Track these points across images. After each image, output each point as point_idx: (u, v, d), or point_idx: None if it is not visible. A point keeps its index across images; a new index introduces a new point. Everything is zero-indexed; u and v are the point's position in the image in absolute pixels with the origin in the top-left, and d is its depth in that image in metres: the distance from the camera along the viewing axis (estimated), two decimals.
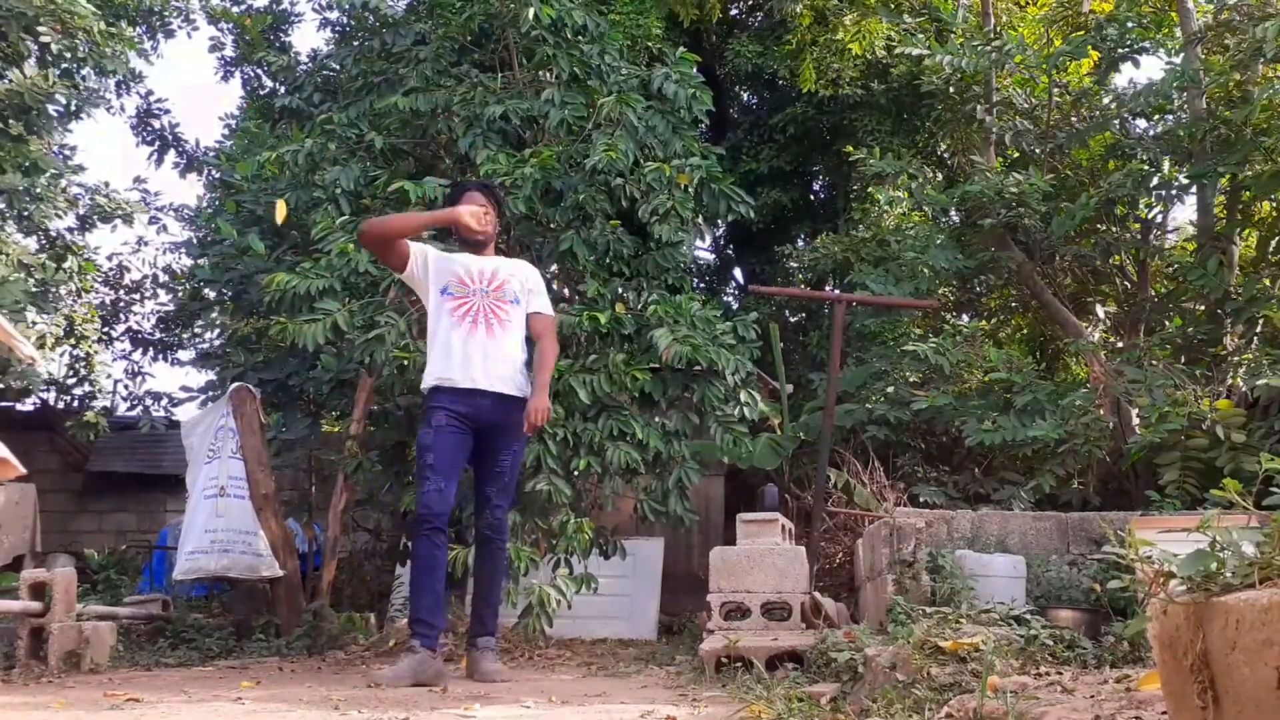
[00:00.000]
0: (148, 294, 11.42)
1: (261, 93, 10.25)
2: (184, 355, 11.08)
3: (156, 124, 10.47)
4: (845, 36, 8.94)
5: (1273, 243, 8.37)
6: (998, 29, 8.94)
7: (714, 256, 11.92)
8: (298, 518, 7.34)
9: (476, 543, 4.35)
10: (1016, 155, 8.79)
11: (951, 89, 8.44)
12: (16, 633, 4.86)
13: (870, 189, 8.95)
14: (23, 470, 4.31)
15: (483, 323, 4.13)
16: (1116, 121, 8.18)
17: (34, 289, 7.83)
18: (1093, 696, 2.35)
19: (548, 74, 6.22)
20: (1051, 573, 4.56)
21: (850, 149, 8.86)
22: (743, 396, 5.70)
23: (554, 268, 6.21)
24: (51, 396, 11.09)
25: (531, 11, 6.00)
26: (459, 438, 4.12)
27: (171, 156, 10.52)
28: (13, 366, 6.97)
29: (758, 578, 4.78)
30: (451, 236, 4.48)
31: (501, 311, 4.18)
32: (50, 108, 8.06)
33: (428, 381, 4.20)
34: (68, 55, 8.14)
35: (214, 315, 7.55)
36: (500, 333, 4.16)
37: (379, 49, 6.71)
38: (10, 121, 7.80)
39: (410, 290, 5.57)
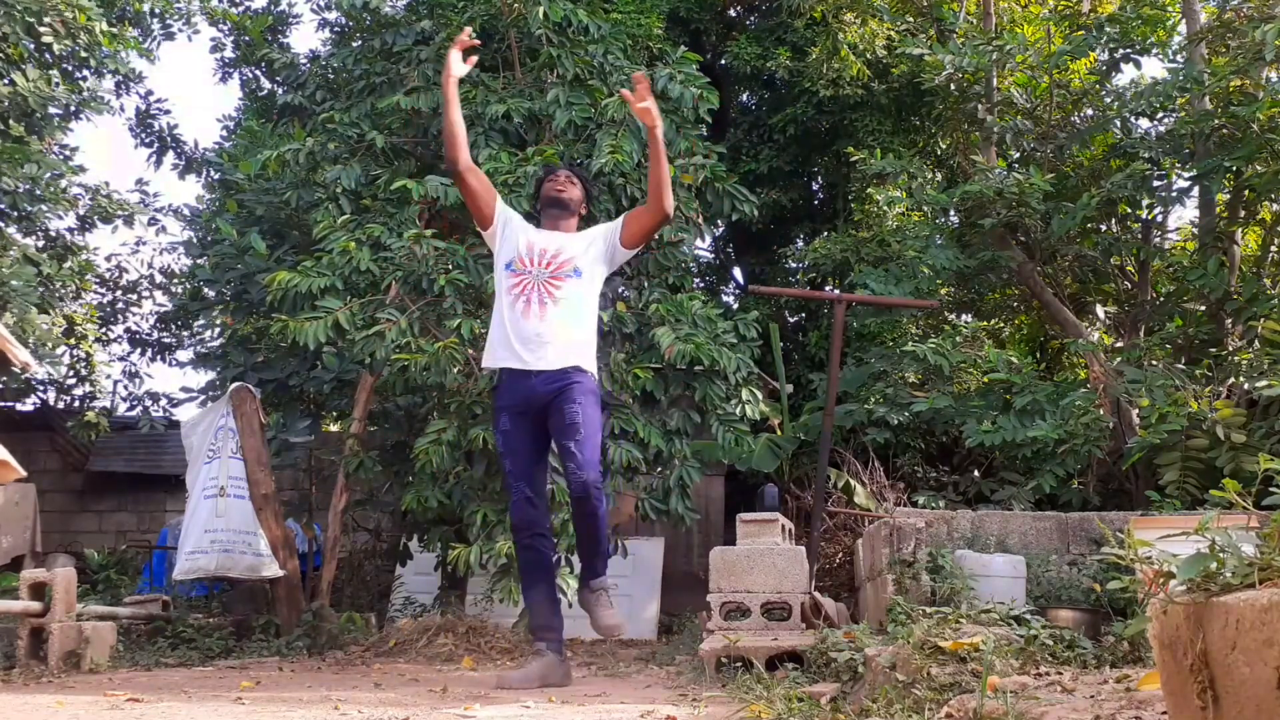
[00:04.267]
0: (145, 294, 11.42)
1: (261, 94, 10.25)
2: (182, 356, 11.09)
3: (155, 125, 10.46)
4: (846, 37, 8.94)
5: (1275, 243, 8.36)
6: (999, 28, 8.93)
7: (714, 256, 11.92)
8: (298, 518, 7.34)
9: (573, 503, 4.09)
10: (1017, 155, 8.79)
11: (953, 87, 8.43)
12: (16, 633, 4.87)
13: (870, 189, 8.93)
14: (23, 473, 4.32)
15: (535, 303, 3.99)
16: (1118, 121, 8.18)
17: (39, 286, 7.84)
18: (1093, 696, 2.35)
19: (549, 74, 6.22)
20: (1051, 573, 4.56)
21: (850, 149, 8.87)
22: (744, 395, 5.70)
23: None
24: (51, 396, 11.09)
25: (541, 10, 6.01)
26: (525, 433, 4.06)
27: (170, 158, 10.51)
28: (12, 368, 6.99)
29: (758, 578, 4.78)
30: (538, 209, 4.30)
31: (556, 289, 4.01)
32: (51, 108, 8.07)
33: (485, 363, 4.20)
34: (68, 55, 8.15)
35: (214, 315, 7.55)
36: (553, 311, 3.99)
37: (380, 48, 6.72)
38: (11, 123, 7.81)
39: (412, 289, 5.60)
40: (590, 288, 4.11)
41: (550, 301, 3.99)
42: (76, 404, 10.98)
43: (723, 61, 9.93)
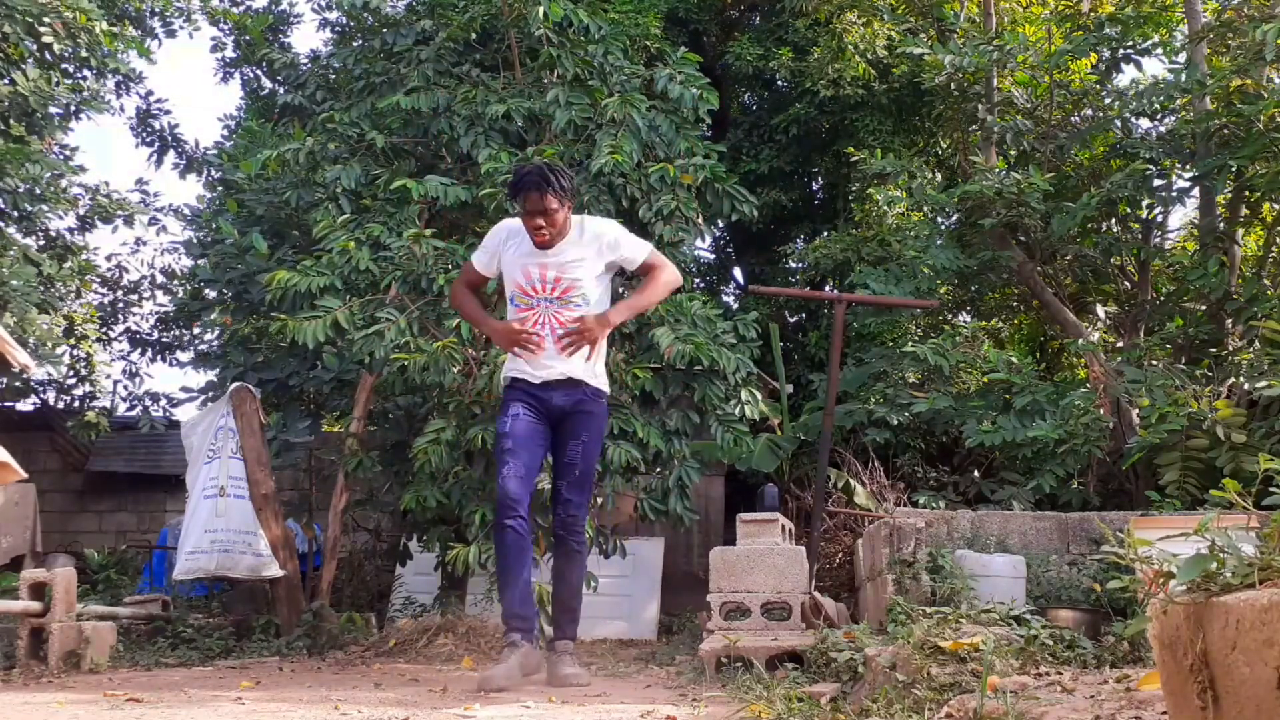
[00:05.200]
0: (146, 295, 11.44)
1: (261, 93, 10.26)
2: (183, 356, 11.10)
3: (156, 125, 10.47)
4: (849, 37, 8.94)
5: (1276, 243, 8.35)
6: (999, 28, 8.93)
7: (714, 256, 11.92)
8: (298, 518, 7.34)
9: (553, 543, 4.17)
10: (1017, 155, 8.79)
11: (953, 87, 8.44)
12: (16, 633, 4.87)
13: (870, 189, 8.94)
14: (23, 475, 4.31)
15: (549, 335, 3.98)
16: (1118, 121, 8.18)
17: (39, 286, 7.85)
18: (1093, 696, 2.35)
19: (550, 74, 6.22)
20: (1051, 573, 4.56)
21: (850, 149, 8.87)
22: (744, 395, 5.70)
23: None
24: (51, 397, 11.10)
25: (541, 10, 6.01)
26: (534, 423, 4.02)
27: (171, 157, 10.52)
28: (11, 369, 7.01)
29: (758, 578, 4.78)
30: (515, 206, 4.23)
31: (568, 319, 3.98)
32: (51, 108, 8.08)
33: (505, 374, 4.14)
34: (68, 55, 8.15)
35: (214, 315, 7.55)
36: None
37: (380, 48, 6.72)
38: (11, 123, 7.82)
39: (411, 289, 5.60)
40: (599, 308, 4.07)
41: (562, 332, 3.97)
42: (76, 404, 11.00)
43: (723, 61, 9.93)
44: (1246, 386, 6.01)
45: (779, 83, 10.07)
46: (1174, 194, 8.04)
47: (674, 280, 4.19)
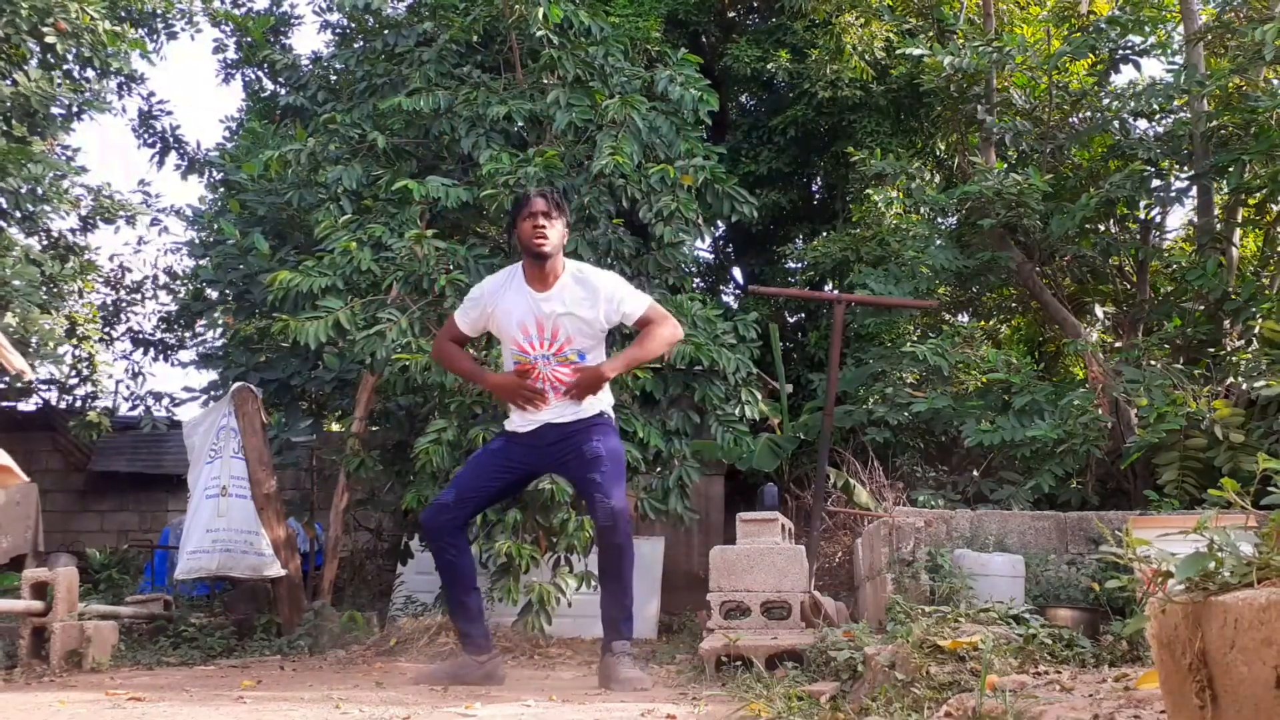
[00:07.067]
0: (148, 295, 11.44)
1: (263, 95, 10.27)
2: (185, 356, 11.10)
3: (158, 126, 10.47)
4: (848, 38, 8.95)
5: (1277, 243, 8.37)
6: (998, 29, 8.95)
7: (713, 256, 11.93)
8: (299, 517, 7.35)
9: (596, 539, 4.13)
10: (1016, 155, 8.80)
11: (952, 88, 8.45)
12: (18, 632, 4.88)
13: (869, 190, 8.97)
14: (26, 479, 4.32)
15: (549, 390, 3.94)
16: (1116, 122, 8.20)
17: (41, 286, 7.84)
18: (1091, 695, 2.37)
19: (550, 76, 6.24)
20: (1050, 572, 4.58)
21: (850, 150, 8.88)
22: (743, 395, 5.72)
23: None
24: (53, 396, 11.10)
25: (541, 12, 6.03)
26: (502, 467, 4.03)
27: (173, 158, 10.52)
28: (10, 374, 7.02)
29: (757, 577, 4.79)
30: (513, 236, 4.24)
31: (565, 376, 3.93)
32: (53, 108, 8.08)
33: (507, 426, 4.14)
34: (70, 55, 8.16)
35: (216, 315, 7.56)
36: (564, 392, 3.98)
37: (381, 50, 6.74)
38: (13, 123, 7.82)
39: (413, 289, 5.62)
40: (596, 359, 4.02)
41: (562, 387, 3.94)
42: (79, 404, 10.99)
43: (723, 63, 9.94)
44: (1245, 386, 6.03)
45: (778, 84, 10.08)
46: (1172, 194, 8.06)
47: (674, 335, 4.12)
